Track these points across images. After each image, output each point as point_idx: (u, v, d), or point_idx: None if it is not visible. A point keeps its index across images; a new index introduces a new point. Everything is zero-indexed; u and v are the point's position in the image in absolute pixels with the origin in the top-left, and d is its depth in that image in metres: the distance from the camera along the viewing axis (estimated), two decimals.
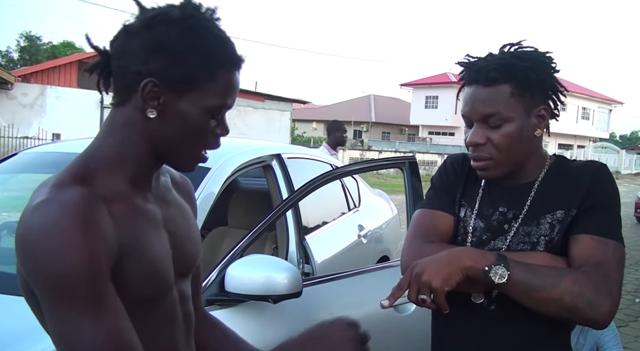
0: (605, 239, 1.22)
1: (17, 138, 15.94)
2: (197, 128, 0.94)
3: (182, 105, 0.92)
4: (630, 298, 6.04)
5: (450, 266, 1.19)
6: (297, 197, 2.15)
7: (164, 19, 0.90)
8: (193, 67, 0.90)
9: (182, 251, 1.02)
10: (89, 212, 0.83)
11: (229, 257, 1.88)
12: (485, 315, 1.29)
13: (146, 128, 0.93)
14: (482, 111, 1.28)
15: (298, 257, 2.49)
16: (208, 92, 0.92)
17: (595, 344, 2.55)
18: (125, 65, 0.91)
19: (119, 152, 0.94)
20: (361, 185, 3.98)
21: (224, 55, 0.93)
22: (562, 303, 1.17)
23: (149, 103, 0.91)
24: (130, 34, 0.91)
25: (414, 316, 2.31)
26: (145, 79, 0.89)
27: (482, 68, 1.29)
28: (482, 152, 1.30)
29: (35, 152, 2.78)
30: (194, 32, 0.90)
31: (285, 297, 1.82)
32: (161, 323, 0.97)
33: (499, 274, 1.17)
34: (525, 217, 1.30)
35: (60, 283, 0.79)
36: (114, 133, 0.94)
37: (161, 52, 0.89)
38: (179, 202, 1.08)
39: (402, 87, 44.76)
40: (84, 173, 0.90)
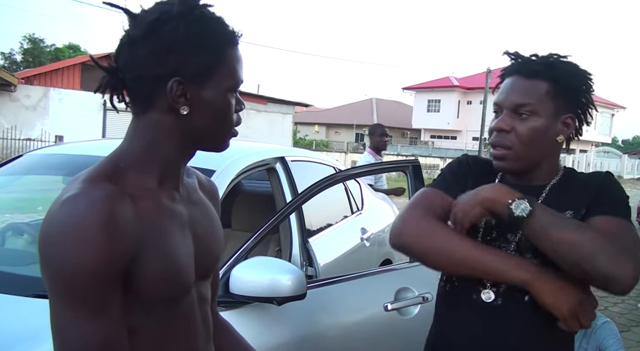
0: (616, 217, 1.23)
1: (20, 140, 15.98)
2: (224, 110, 0.98)
3: (206, 93, 0.95)
4: (633, 303, 6.02)
5: (471, 200, 1.25)
6: (300, 199, 2.15)
7: (166, 18, 0.91)
8: (207, 56, 0.93)
9: (205, 252, 1.03)
10: (112, 211, 0.84)
11: (234, 259, 1.88)
12: (489, 312, 1.30)
13: (176, 126, 0.95)
14: (515, 100, 1.31)
15: (301, 260, 2.49)
16: (223, 74, 0.96)
17: (597, 348, 2.55)
18: (140, 74, 0.92)
19: (148, 151, 0.96)
20: (364, 188, 3.99)
21: (226, 36, 0.97)
22: (583, 250, 1.14)
23: (179, 101, 0.93)
24: (135, 43, 0.92)
25: (417, 318, 2.31)
26: (168, 80, 0.91)
27: (526, 61, 1.34)
28: (504, 139, 1.32)
29: (40, 154, 2.79)
30: (198, 23, 0.92)
31: (290, 299, 1.82)
32: (179, 324, 0.97)
33: (521, 208, 1.19)
34: None
35: (66, 279, 0.82)
36: (142, 136, 0.96)
37: (175, 51, 0.91)
38: (205, 203, 1.10)
39: (405, 91, 44.88)
40: (113, 171, 0.92)
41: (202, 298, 1.05)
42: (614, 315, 5.30)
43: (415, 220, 1.32)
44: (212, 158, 2.38)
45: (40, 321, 1.03)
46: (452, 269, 1.32)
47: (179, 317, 0.97)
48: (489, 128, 1.37)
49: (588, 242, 1.15)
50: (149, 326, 0.92)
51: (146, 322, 0.91)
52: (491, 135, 1.36)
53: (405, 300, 2.28)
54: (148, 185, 0.94)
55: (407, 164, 2.54)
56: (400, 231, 1.32)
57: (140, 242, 0.88)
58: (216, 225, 1.11)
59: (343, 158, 23.59)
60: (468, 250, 1.26)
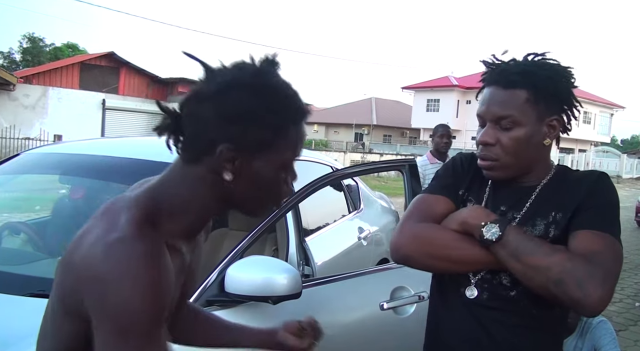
0: (603, 233, 1.23)
1: (18, 139, 15.98)
2: (271, 183, 0.97)
3: (257, 164, 0.93)
4: (630, 302, 6.03)
5: (452, 223, 1.32)
6: (297, 198, 2.16)
7: (236, 85, 0.90)
8: (268, 130, 0.91)
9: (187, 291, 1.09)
10: (162, 258, 0.88)
11: (229, 258, 1.89)
12: (478, 308, 1.31)
13: (218, 187, 0.94)
14: (496, 112, 1.31)
15: (298, 259, 2.50)
16: (281, 149, 0.94)
17: (593, 347, 2.55)
18: (199, 131, 0.92)
19: (188, 205, 0.96)
20: (362, 187, 4.00)
21: (295, 112, 0.95)
22: (550, 274, 1.17)
23: (225, 166, 0.92)
24: (202, 99, 0.91)
25: (413, 317, 2.32)
26: (220, 144, 0.90)
27: (503, 70, 1.33)
28: (489, 152, 1.33)
29: (37, 153, 2.79)
30: (267, 96, 0.91)
31: (285, 298, 1.83)
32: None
33: (491, 232, 1.24)
34: (522, 218, 1.32)
35: (123, 319, 0.84)
36: (186, 184, 0.96)
37: (236, 119, 0.90)
38: (201, 243, 1.12)
39: (404, 90, 44.81)
40: (154, 216, 0.93)
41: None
42: (611, 314, 5.30)
43: (410, 231, 1.34)
44: None
45: (37, 321, 1.04)
46: (459, 270, 1.33)
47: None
48: (476, 142, 1.38)
49: (555, 266, 1.18)
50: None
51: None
52: (478, 147, 1.37)
53: (401, 299, 2.28)
54: (176, 235, 0.96)
55: (403, 163, 2.54)
56: (397, 245, 1.35)
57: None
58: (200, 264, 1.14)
59: (342, 158, 23.58)
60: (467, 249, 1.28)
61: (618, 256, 1.22)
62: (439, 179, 1.46)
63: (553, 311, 1.30)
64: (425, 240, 1.31)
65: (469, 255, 1.28)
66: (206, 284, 1.82)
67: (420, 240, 1.31)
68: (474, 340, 1.32)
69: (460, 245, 1.29)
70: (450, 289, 1.37)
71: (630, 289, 6.60)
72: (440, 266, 1.34)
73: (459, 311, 1.35)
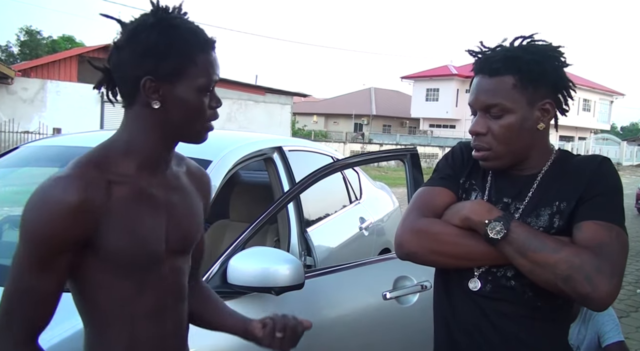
0: (609, 224, 1.22)
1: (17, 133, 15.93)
2: (196, 106, 1.12)
3: (178, 91, 1.10)
4: (631, 289, 6.05)
5: (453, 218, 1.31)
6: (298, 189, 2.15)
7: (142, 27, 1.08)
8: (176, 59, 1.08)
9: (179, 231, 1.18)
10: (81, 195, 1.01)
11: (231, 250, 1.88)
12: (482, 299, 1.31)
13: (154, 119, 1.11)
14: (484, 101, 1.30)
15: (300, 249, 2.49)
16: (194, 74, 1.10)
17: (596, 334, 2.55)
18: (124, 74, 1.10)
19: (131, 142, 1.12)
20: (362, 177, 3.98)
21: (198, 42, 1.11)
22: (558, 270, 1.17)
23: (151, 96, 1.09)
24: (120, 48, 1.09)
25: (416, 307, 2.32)
26: (142, 78, 1.07)
27: (488, 58, 1.32)
28: (482, 142, 1.32)
29: (36, 146, 2.78)
30: (168, 31, 1.08)
31: (288, 289, 1.82)
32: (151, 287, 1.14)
33: (496, 230, 1.22)
34: (525, 209, 1.31)
35: (29, 239, 1.02)
36: (127, 128, 1.13)
37: (148, 54, 1.07)
38: (187, 189, 1.24)
39: (403, 80, 44.65)
40: (98, 159, 1.10)
41: (176, 269, 1.20)
42: None
43: (413, 227, 1.34)
44: (209, 149, 2.38)
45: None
46: (463, 265, 1.32)
47: (149, 282, 1.13)
48: (468, 131, 1.36)
49: (563, 262, 1.17)
50: (119, 285, 1.10)
51: (116, 281, 1.09)
52: (472, 139, 1.36)
53: (404, 289, 2.28)
54: (129, 171, 1.11)
55: (404, 153, 2.53)
56: (401, 242, 1.35)
57: (107, 220, 1.05)
58: (195, 209, 1.25)
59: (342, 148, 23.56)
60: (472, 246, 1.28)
61: (624, 247, 1.22)
62: (439, 171, 1.45)
63: (557, 302, 1.29)
64: (429, 236, 1.31)
65: (474, 252, 1.28)
66: (209, 275, 1.82)
67: (424, 237, 1.31)
68: (478, 332, 1.32)
69: (465, 241, 1.29)
70: (453, 282, 1.36)
71: (632, 276, 6.61)
72: (445, 262, 1.34)
73: (463, 303, 1.34)
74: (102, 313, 1.11)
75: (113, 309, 1.10)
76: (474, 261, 1.30)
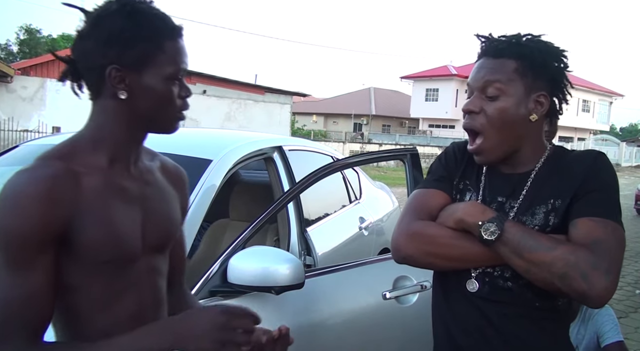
0: (605, 220, 1.22)
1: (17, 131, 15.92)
2: (164, 95, 1.07)
3: (145, 79, 1.06)
4: (631, 289, 6.05)
5: (448, 220, 1.31)
6: (298, 189, 2.15)
7: (105, 14, 1.04)
8: (142, 45, 1.04)
9: (155, 227, 1.13)
10: (50, 187, 0.97)
11: (231, 249, 1.88)
12: (481, 301, 1.31)
13: (121, 110, 1.07)
14: (484, 76, 1.31)
15: (299, 249, 2.49)
16: (162, 62, 1.06)
17: (595, 334, 2.56)
18: (89, 64, 1.05)
19: (99, 133, 1.08)
20: (362, 177, 3.99)
21: (165, 29, 1.07)
22: (554, 269, 1.17)
23: (117, 86, 1.04)
24: (83, 37, 1.05)
25: (415, 306, 2.32)
26: (107, 68, 1.03)
27: (493, 41, 1.34)
28: (474, 121, 1.32)
29: (36, 145, 2.78)
30: (134, 17, 1.03)
31: (288, 288, 1.83)
32: (124, 289, 1.09)
33: (490, 231, 1.22)
34: (520, 207, 1.31)
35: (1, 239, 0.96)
36: (94, 120, 1.09)
37: (113, 42, 1.02)
38: (161, 185, 1.20)
39: (403, 80, 44.63)
40: (67, 151, 1.05)
41: (153, 270, 1.15)
42: (612, 301, 5.31)
43: (409, 230, 1.34)
44: (209, 148, 2.39)
45: None
46: (460, 266, 1.32)
47: (125, 282, 1.08)
48: (462, 110, 1.37)
49: (559, 261, 1.17)
50: (94, 286, 1.04)
51: (90, 282, 1.04)
52: (464, 117, 1.36)
53: (404, 289, 2.28)
54: (98, 164, 1.07)
55: (404, 153, 2.53)
56: (397, 246, 1.35)
57: (79, 213, 1.00)
58: (171, 205, 1.20)
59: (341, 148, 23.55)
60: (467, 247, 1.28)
61: (621, 242, 1.21)
62: (433, 173, 1.46)
63: (556, 301, 1.29)
64: (424, 239, 1.31)
65: (469, 253, 1.28)
66: (209, 275, 1.82)
67: (419, 240, 1.31)
68: (478, 333, 1.32)
69: (460, 243, 1.29)
70: (451, 284, 1.36)
71: (631, 277, 6.62)
72: (441, 264, 1.34)
73: (461, 304, 1.34)
74: (76, 318, 1.05)
75: (88, 314, 1.05)
76: (469, 262, 1.30)
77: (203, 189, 2.07)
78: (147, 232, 1.11)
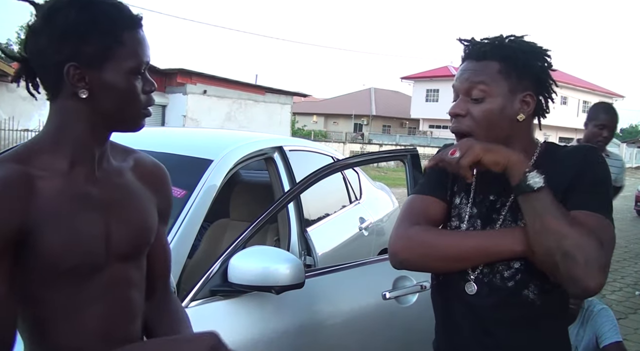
0: (595, 214, 1.22)
1: (17, 131, 15.93)
2: (127, 91, 1.01)
3: (106, 76, 0.98)
4: (630, 290, 6.05)
5: (499, 149, 1.23)
6: (298, 189, 2.15)
7: (58, 6, 0.96)
8: (99, 39, 0.97)
9: (122, 234, 1.06)
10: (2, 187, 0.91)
11: (232, 249, 1.89)
12: (479, 303, 1.31)
13: (82, 110, 1.00)
14: (468, 78, 1.31)
15: (300, 249, 2.50)
16: (122, 56, 0.99)
17: (594, 335, 2.56)
18: (44, 62, 0.98)
19: (58, 135, 1.01)
20: (362, 177, 3.99)
21: (123, 19, 0.99)
22: (563, 243, 1.15)
23: (77, 85, 0.98)
24: (36, 33, 0.97)
25: (415, 307, 2.32)
26: (65, 65, 0.96)
27: (476, 44, 1.34)
28: (461, 124, 1.32)
29: None
30: (88, 9, 0.96)
31: (288, 288, 1.83)
32: (90, 301, 1.02)
33: (535, 180, 1.19)
34: (512, 204, 1.31)
35: None
36: (54, 121, 1.02)
37: (69, 37, 0.95)
38: (132, 187, 1.12)
39: (403, 80, 44.67)
40: (24, 153, 0.99)
41: (122, 280, 1.07)
42: (612, 302, 5.32)
43: (404, 236, 1.34)
44: (210, 148, 2.40)
45: None
46: (456, 267, 1.33)
47: (90, 294, 1.02)
48: (448, 113, 1.37)
49: (571, 237, 1.15)
50: (55, 298, 0.98)
51: (52, 294, 0.98)
52: (451, 121, 1.36)
53: (403, 289, 2.28)
54: (57, 167, 1.00)
55: (405, 153, 2.53)
56: (394, 250, 1.35)
57: (34, 218, 0.94)
58: (143, 209, 1.12)
59: (341, 149, 23.56)
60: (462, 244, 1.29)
61: (611, 238, 1.22)
62: (427, 177, 1.46)
63: (553, 299, 1.29)
64: (419, 242, 1.31)
65: (465, 250, 1.28)
66: (209, 274, 1.82)
67: (415, 244, 1.32)
68: (478, 335, 1.32)
69: (453, 239, 1.31)
70: (450, 286, 1.37)
71: (630, 278, 6.61)
72: (438, 265, 1.34)
73: (460, 307, 1.34)
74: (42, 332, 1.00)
75: (53, 327, 0.99)
76: (466, 261, 1.30)
77: (204, 189, 2.08)
78: (112, 240, 1.04)
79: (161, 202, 1.19)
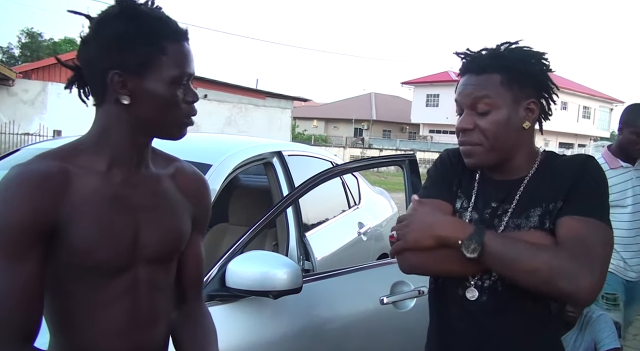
0: (587, 218, 1.23)
1: (18, 134, 15.95)
2: (167, 99, 1.05)
3: (148, 84, 1.04)
4: None
5: (425, 232, 1.28)
6: (297, 194, 2.16)
7: (106, 18, 1.04)
8: (143, 48, 1.02)
9: (152, 238, 1.10)
10: (42, 184, 0.97)
11: (230, 253, 1.89)
12: (477, 309, 1.31)
13: (123, 115, 1.05)
14: (472, 93, 1.32)
15: (298, 254, 2.50)
16: (165, 65, 1.04)
17: (592, 341, 2.56)
18: (93, 70, 1.05)
19: (100, 138, 1.07)
20: (361, 182, 4.00)
21: (167, 31, 1.05)
22: (540, 275, 1.18)
23: (120, 91, 1.03)
24: (87, 43, 1.05)
25: (413, 312, 2.33)
26: (109, 73, 1.02)
27: (475, 58, 1.35)
28: (470, 138, 1.33)
29: (36, 148, 2.79)
30: (135, 20, 1.02)
31: (286, 293, 1.83)
32: (114, 301, 1.06)
33: (471, 248, 1.22)
34: (514, 211, 1.32)
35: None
36: (98, 124, 1.08)
37: (114, 46, 1.01)
38: (167, 194, 1.15)
39: (403, 85, 44.74)
40: (68, 152, 1.05)
41: (148, 282, 1.10)
42: None
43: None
44: (209, 153, 2.41)
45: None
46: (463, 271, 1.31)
47: (113, 292, 1.06)
48: (455, 130, 1.38)
49: (542, 267, 1.18)
50: (80, 292, 1.03)
51: (77, 288, 1.03)
52: (458, 136, 1.37)
53: (401, 294, 2.29)
54: (95, 167, 1.05)
55: (403, 158, 2.54)
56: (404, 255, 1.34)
57: (68, 211, 0.99)
58: (177, 216, 1.16)
59: (342, 153, 23.59)
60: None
61: (605, 238, 1.23)
62: (432, 181, 1.46)
63: (551, 306, 1.29)
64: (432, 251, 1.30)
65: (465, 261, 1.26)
66: (207, 279, 1.83)
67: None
68: (475, 342, 1.32)
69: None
70: (449, 291, 1.36)
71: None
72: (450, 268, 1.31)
73: (459, 312, 1.34)
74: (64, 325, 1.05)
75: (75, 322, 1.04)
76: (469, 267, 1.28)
77: None
78: (140, 242, 1.08)
79: (197, 211, 1.21)
